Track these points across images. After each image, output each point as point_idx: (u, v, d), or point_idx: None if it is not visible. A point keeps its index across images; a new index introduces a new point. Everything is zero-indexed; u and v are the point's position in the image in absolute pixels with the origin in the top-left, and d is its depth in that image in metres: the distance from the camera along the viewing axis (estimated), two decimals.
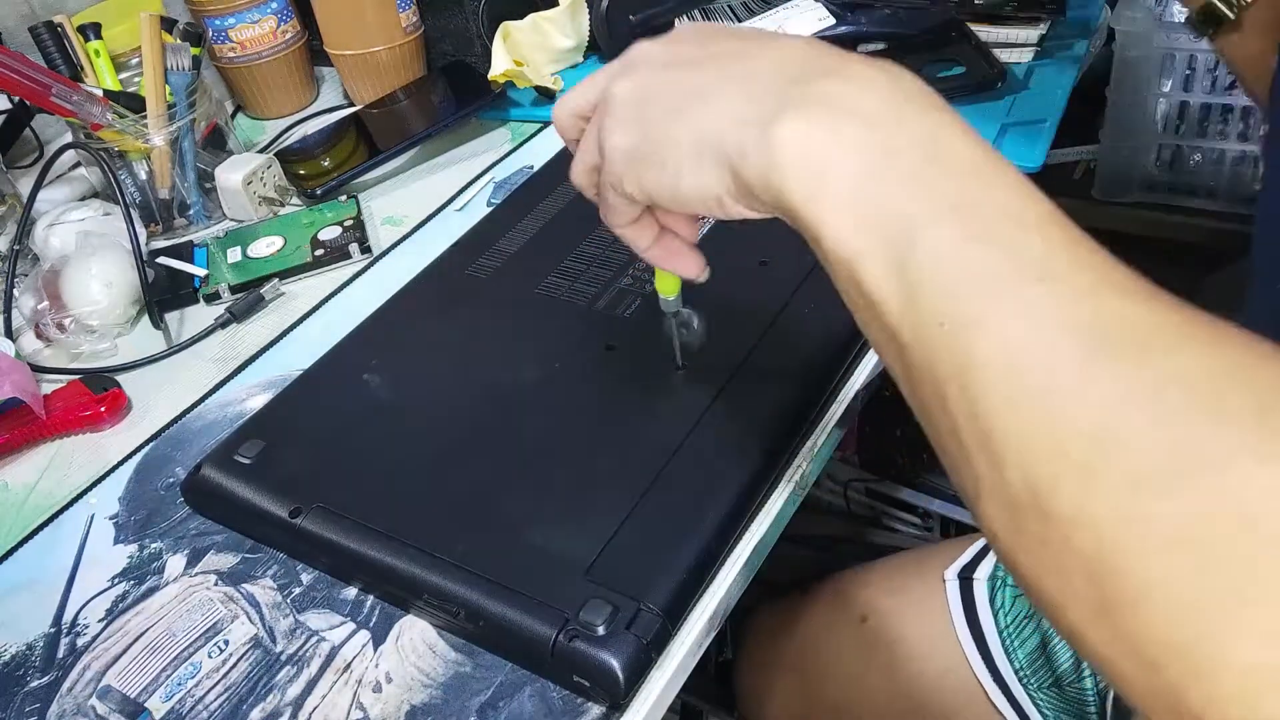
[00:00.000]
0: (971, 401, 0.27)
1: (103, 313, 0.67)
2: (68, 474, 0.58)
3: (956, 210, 0.28)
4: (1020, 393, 0.26)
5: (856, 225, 0.30)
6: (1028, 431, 0.26)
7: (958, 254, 0.28)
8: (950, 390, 0.27)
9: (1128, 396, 0.24)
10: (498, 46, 0.82)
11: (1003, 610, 0.67)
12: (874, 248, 0.29)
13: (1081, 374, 0.25)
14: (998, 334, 0.26)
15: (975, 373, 0.27)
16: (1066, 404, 0.25)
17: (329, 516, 0.48)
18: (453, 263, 0.65)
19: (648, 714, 0.41)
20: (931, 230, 0.28)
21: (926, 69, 0.77)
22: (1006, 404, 0.26)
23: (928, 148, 0.30)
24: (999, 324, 0.27)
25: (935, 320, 0.28)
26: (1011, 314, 0.26)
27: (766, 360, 0.52)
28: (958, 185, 0.29)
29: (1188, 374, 0.24)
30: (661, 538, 0.44)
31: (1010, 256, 0.27)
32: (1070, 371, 0.25)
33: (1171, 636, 0.22)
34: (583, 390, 0.53)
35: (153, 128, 0.75)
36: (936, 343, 0.28)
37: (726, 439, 0.48)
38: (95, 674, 0.46)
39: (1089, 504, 0.24)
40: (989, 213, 0.28)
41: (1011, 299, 0.27)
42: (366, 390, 0.55)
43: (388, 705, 0.42)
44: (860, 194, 0.30)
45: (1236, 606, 0.21)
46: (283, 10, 0.90)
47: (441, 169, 0.81)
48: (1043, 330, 0.26)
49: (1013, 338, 0.26)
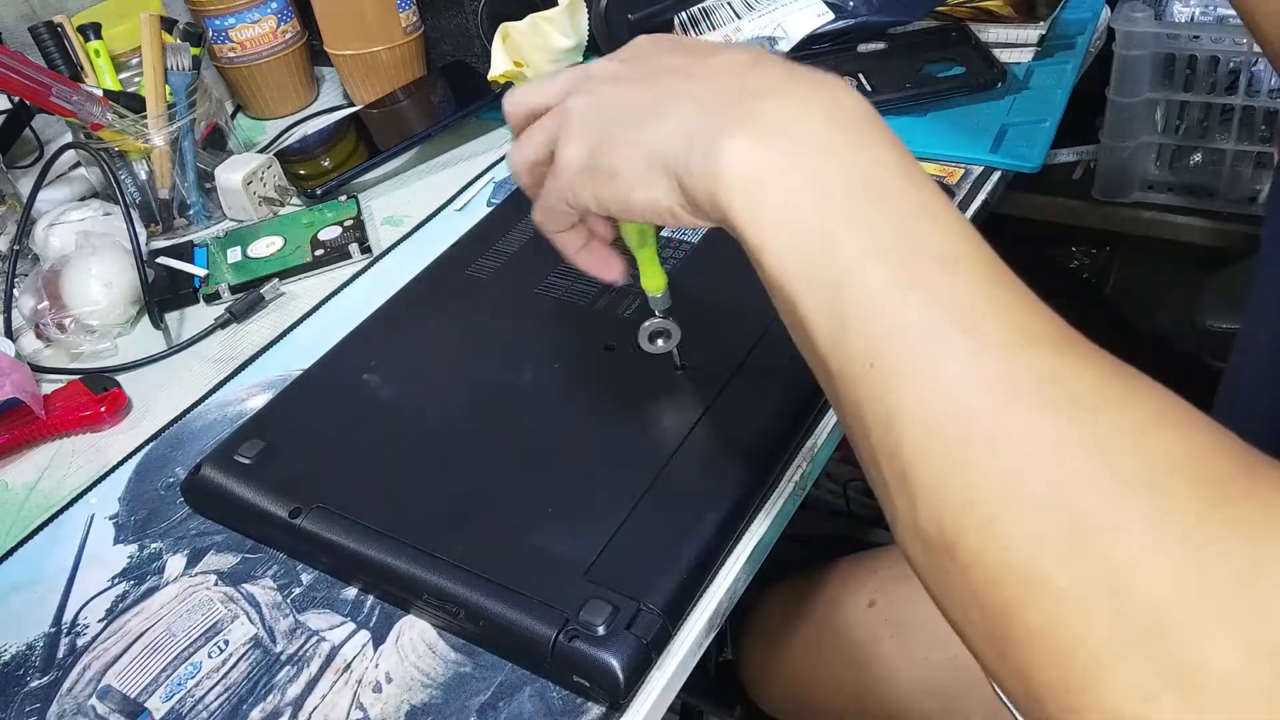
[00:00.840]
0: (893, 443, 0.28)
1: (103, 313, 0.67)
2: (68, 474, 0.58)
3: (889, 252, 0.29)
4: (936, 443, 0.27)
5: (792, 252, 0.30)
6: (941, 480, 0.27)
7: (886, 299, 0.29)
8: (874, 427, 0.29)
9: (1032, 458, 0.26)
10: (497, 48, 0.82)
11: None
12: (807, 278, 0.30)
13: (993, 431, 0.26)
14: (920, 384, 0.28)
15: (897, 417, 0.28)
16: (978, 459, 0.26)
17: (329, 516, 0.48)
18: (453, 263, 0.65)
19: (648, 714, 0.41)
20: (862, 271, 0.29)
21: (927, 69, 0.77)
22: (923, 451, 0.27)
23: (865, 181, 0.31)
24: (922, 374, 0.28)
25: (864, 360, 0.29)
26: (934, 366, 0.28)
27: (766, 360, 0.52)
28: (892, 225, 0.30)
29: (1091, 438, 0.25)
30: (661, 538, 0.44)
31: (937, 304, 0.28)
32: (983, 428, 0.26)
33: (1051, 678, 0.25)
34: (583, 390, 0.53)
35: (153, 128, 0.76)
36: (862, 381, 0.29)
37: (726, 439, 0.48)
38: (95, 674, 0.46)
39: (988, 553, 0.26)
40: (920, 255, 0.29)
41: (935, 350, 0.28)
42: (366, 390, 0.55)
43: (388, 705, 0.42)
44: (797, 222, 0.30)
45: (1108, 662, 0.24)
46: (283, 10, 0.90)
47: (441, 169, 0.81)
48: (961, 384, 0.27)
49: (933, 389, 0.27)
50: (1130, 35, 0.73)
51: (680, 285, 0.59)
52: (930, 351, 0.28)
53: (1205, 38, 0.72)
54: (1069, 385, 0.26)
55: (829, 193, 0.30)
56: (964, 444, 0.26)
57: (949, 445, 0.27)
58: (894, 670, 0.73)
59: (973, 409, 0.27)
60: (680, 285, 0.59)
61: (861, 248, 0.29)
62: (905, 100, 0.73)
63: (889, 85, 0.75)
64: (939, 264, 0.29)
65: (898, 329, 0.28)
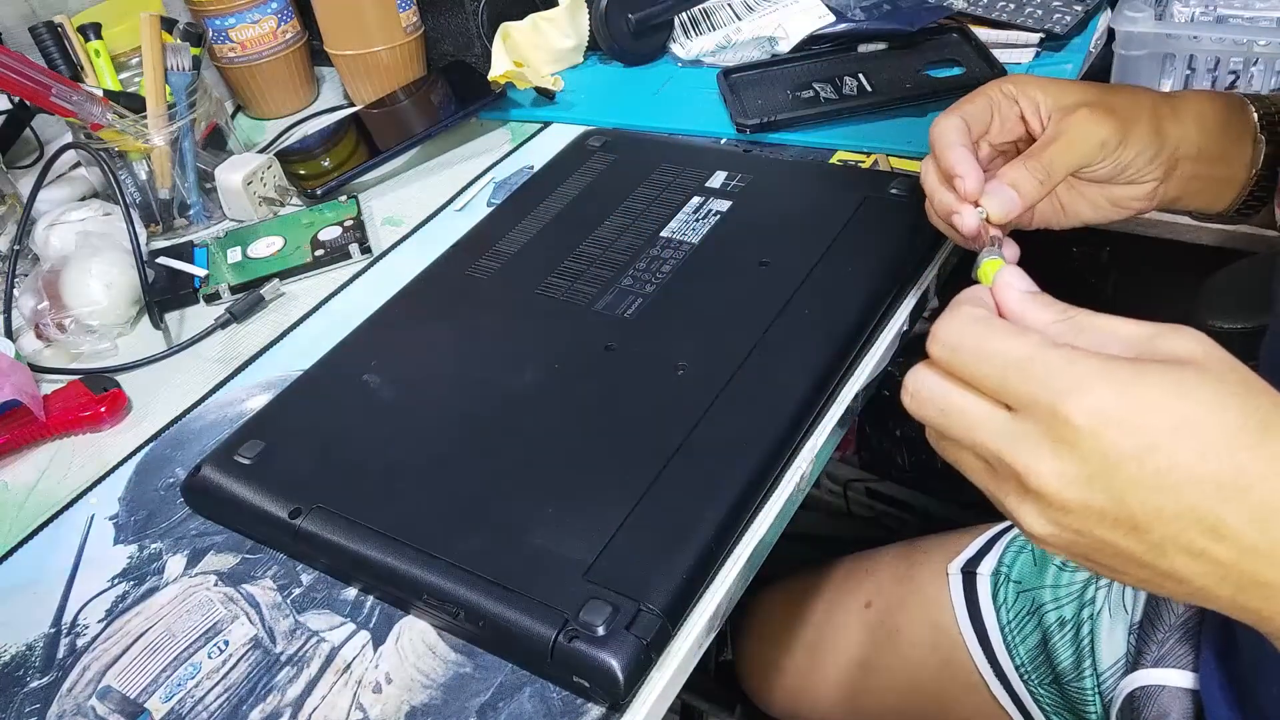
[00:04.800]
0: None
1: (103, 313, 0.67)
2: (68, 474, 0.58)
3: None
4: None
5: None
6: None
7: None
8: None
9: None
10: (498, 47, 0.82)
11: (1005, 606, 0.68)
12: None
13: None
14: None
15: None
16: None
17: (329, 517, 0.48)
18: (453, 263, 0.65)
19: (648, 714, 0.41)
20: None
21: (927, 70, 0.77)
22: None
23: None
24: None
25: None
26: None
27: (766, 360, 0.52)
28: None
29: None
30: (661, 538, 0.44)
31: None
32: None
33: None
34: (582, 390, 0.53)
35: (153, 128, 0.76)
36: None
37: (726, 439, 0.48)
38: (95, 674, 0.46)
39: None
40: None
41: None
42: (366, 391, 0.55)
43: (387, 706, 0.42)
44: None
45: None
46: (283, 10, 0.90)
47: (441, 169, 0.81)
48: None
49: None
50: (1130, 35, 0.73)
51: (680, 285, 0.59)
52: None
53: (1205, 38, 0.72)
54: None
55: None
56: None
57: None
58: (890, 670, 0.73)
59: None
60: (680, 285, 0.59)
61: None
62: (905, 100, 0.73)
63: (889, 86, 0.75)
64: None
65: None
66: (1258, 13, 0.76)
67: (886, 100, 0.73)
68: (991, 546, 0.70)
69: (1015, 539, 0.70)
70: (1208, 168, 0.53)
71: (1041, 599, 0.66)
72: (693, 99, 0.82)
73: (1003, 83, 0.52)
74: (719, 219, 0.64)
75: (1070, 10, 0.79)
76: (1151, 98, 0.52)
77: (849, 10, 0.82)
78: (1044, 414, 0.32)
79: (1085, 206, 0.54)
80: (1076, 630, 0.64)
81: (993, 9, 0.81)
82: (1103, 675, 0.61)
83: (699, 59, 0.86)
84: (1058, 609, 0.65)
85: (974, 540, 0.72)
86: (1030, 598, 0.67)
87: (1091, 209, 0.54)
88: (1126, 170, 0.51)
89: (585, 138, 0.77)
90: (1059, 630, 0.65)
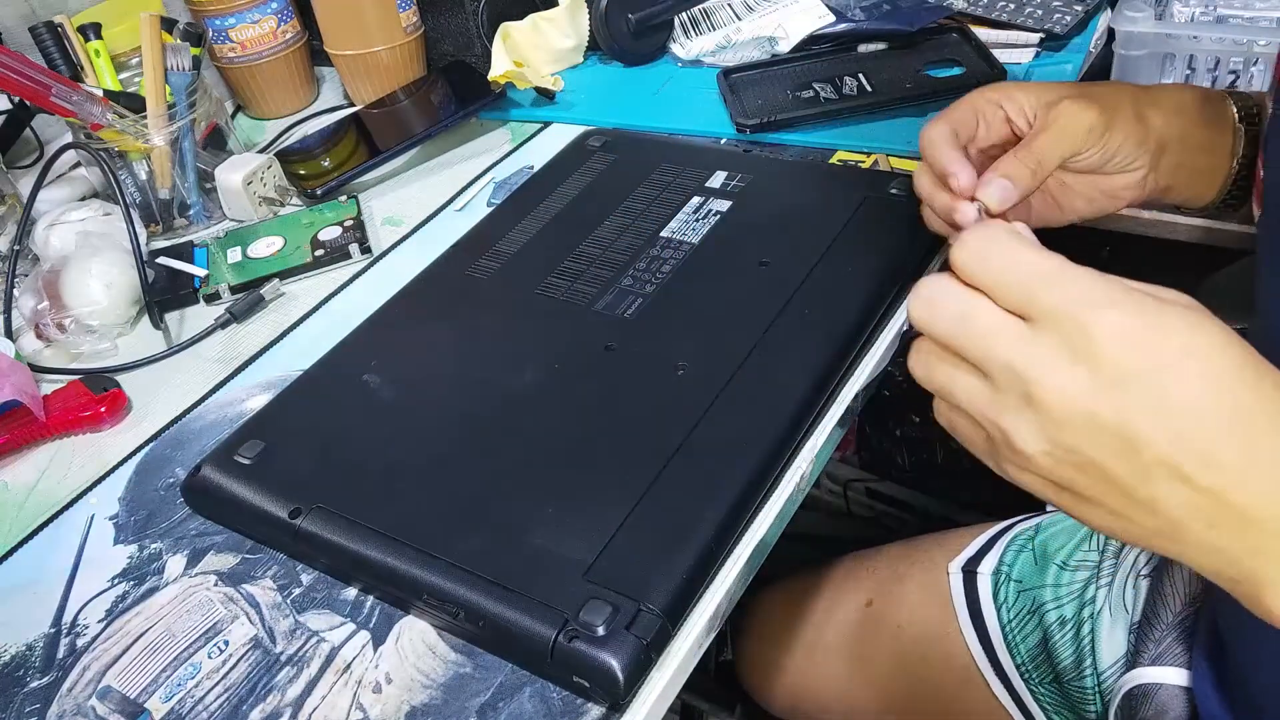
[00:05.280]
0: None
1: (103, 313, 0.67)
2: (68, 474, 0.58)
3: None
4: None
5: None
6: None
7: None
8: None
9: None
10: (498, 47, 0.82)
11: (1005, 605, 0.68)
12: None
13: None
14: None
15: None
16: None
17: (329, 517, 0.48)
18: (453, 263, 0.65)
19: (648, 714, 0.41)
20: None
21: (926, 69, 0.77)
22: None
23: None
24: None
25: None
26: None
27: (766, 360, 0.52)
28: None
29: None
30: (661, 538, 0.44)
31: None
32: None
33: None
34: (582, 390, 0.53)
35: (153, 128, 0.76)
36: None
37: (726, 439, 0.48)
38: (95, 674, 0.46)
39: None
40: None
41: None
42: (366, 391, 0.55)
43: (387, 706, 0.42)
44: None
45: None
46: (283, 10, 0.90)
47: (441, 169, 0.81)
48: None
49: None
50: (1130, 35, 0.73)
51: (680, 285, 0.59)
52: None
53: (1205, 38, 0.72)
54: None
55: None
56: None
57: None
58: (890, 670, 0.73)
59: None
60: (680, 285, 0.59)
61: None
62: (905, 100, 0.73)
63: (889, 86, 0.75)
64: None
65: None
66: (1258, 13, 0.76)
67: (886, 100, 0.74)
68: (992, 546, 0.70)
69: (1016, 538, 0.70)
70: (1192, 156, 0.54)
71: (1042, 598, 0.66)
72: (693, 99, 0.82)
73: (985, 90, 0.53)
74: (719, 219, 0.64)
75: (1070, 10, 0.79)
76: (1131, 89, 0.53)
77: (849, 10, 0.82)
78: (1066, 325, 0.33)
79: (1079, 200, 0.55)
80: (1077, 629, 0.64)
81: (993, 9, 0.81)
82: (1103, 674, 0.62)
83: (699, 59, 0.86)
84: (1058, 608, 0.65)
85: (974, 540, 0.72)
86: (1031, 597, 0.67)
87: (1086, 202, 0.55)
88: (1115, 157, 0.52)
89: (585, 138, 0.77)
90: (1059, 629, 0.65)
